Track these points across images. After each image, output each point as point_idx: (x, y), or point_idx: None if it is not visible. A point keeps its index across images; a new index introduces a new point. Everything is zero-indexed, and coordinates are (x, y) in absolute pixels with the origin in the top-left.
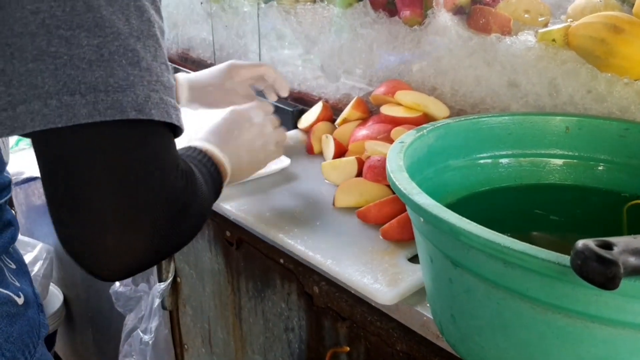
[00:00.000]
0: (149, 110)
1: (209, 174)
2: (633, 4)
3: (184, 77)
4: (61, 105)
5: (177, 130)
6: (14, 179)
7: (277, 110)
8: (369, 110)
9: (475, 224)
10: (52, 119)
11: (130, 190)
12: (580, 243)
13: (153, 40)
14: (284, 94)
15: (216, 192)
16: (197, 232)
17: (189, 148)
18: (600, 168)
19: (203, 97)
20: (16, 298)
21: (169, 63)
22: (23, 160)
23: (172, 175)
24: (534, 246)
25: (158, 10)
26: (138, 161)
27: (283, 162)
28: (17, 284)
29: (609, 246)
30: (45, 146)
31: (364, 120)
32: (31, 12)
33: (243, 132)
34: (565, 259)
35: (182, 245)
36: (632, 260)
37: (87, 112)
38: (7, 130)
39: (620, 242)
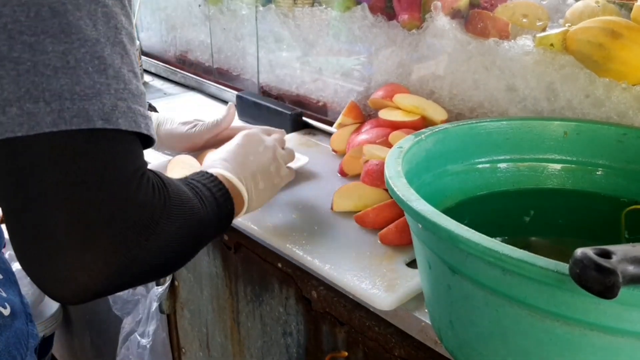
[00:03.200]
0: (116, 119)
1: (212, 197)
2: (631, 9)
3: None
4: (22, 113)
5: (148, 140)
6: None
7: (275, 114)
8: (363, 115)
9: (473, 231)
10: (10, 127)
11: (84, 202)
12: (579, 251)
13: (120, 47)
14: None
15: (220, 218)
16: (182, 257)
17: (199, 172)
18: (598, 173)
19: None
20: (2, 309)
21: (138, 70)
22: None
23: (132, 185)
24: (532, 254)
25: (128, 16)
26: (93, 170)
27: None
28: (4, 294)
29: (607, 255)
30: (2, 158)
31: (360, 125)
32: None
33: (258, 157)
34: (564, 267)
35: (159, 268)
36: (631, 269)
37: (52, 121)
38: None
39: (619, 250)
